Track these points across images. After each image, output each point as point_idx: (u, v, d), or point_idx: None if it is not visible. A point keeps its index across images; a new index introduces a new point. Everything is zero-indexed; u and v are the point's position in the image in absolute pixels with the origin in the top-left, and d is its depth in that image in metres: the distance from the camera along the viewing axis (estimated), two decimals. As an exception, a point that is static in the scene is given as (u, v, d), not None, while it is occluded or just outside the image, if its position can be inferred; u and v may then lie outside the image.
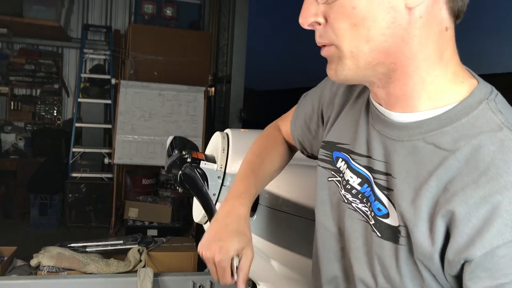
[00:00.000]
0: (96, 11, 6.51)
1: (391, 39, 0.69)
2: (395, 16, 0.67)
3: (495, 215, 0.60)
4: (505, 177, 0.61)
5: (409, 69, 0.71)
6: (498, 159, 0.63)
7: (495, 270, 0.61)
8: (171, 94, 5.38)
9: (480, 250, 0.61)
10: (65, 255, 3.43)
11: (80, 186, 5.64)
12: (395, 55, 0.70)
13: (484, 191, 0.62)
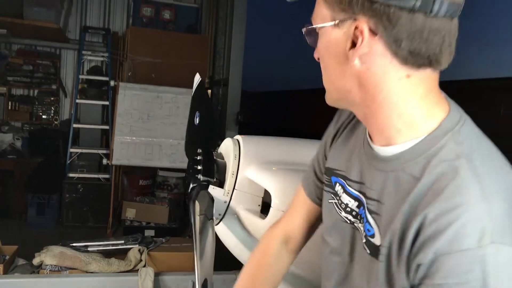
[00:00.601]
0: (94, 13, 6.57)
1: (348, 84, 0.84)
2: (344, 68, 0.83)
3: (445, 229, 0.71)
4: (457, 198, 0.72)
5: (376, 109, 0.83)
6: (452, 184, 0.73)
7: (437, 272, 0.72)
8: (169, 96, 5.46)
9: (429, 255, 0.73)
10: (67, 254, 3.51)
11: (78, 186, 5.71)
12: (359, 96, 0.84)
13: (439, 210, 0.73)
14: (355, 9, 0.78)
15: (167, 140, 5.40)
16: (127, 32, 6.05)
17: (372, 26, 0.77)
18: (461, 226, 0.70)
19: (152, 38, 5.99)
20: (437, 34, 0.77)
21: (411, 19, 0.75)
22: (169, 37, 6.12)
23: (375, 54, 0.79)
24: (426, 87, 0.82)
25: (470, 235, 0.70)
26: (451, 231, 0.71)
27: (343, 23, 0.80)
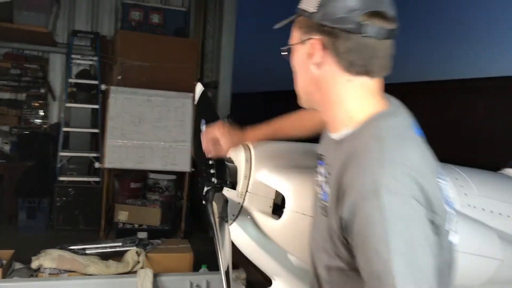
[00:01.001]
0: (82, 17, 6.59)
1: (310, 87, 1.14)
2: (307, 75, 1.13)
3: (353, 187, 0.98)
4: (356, 173, 0.98)
5: (329, 106, 1.13)
6: (362, 156, 1.00)
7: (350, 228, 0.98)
8: (159, 100, 5.52)
9: (345, 210, 0.98)
10: (66, 257, 3.55)
11: (68, 190, 5.72)
12: (317, 98, 1.14)
13: (351, 174, 0.99)
14: (312, 31, 1.08)
15: (159, 143, 5.46)
16: (116, 36, 6.09)
17: (323, 43, 1.07)
18: (363, 184, 0.96)
19: (141, 42, 6.05)
20: (369, 50, 1.04)
21: (349, 38, 1.04)
22: (158, 40, 6.18)
23: (326, 63, 1.08)
24: (364, 90, 1.09)
25: (369, 189, 0.94)
26: (356, 189, 0.96)
27: (305, 42, 1.10)
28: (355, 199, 0.96)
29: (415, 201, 0.94)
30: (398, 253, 0.90)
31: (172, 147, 5.50)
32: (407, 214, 0.94)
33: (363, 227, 0.94)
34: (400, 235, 0.91)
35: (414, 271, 0.91)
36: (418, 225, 0.94)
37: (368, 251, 0.93)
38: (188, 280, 3.60)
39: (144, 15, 6.30)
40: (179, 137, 5.54)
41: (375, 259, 0.91)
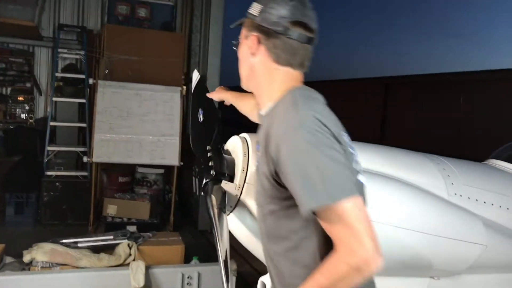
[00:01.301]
0: (68, 11, 6.55)
1: (248, 73, 1.47)
2: (248, 63, 1.45)
3: (275, 140, 1.26)
4: (277, 126, 1.27)
5: (260, 88, 1.45)
6: (280, 115, 1.29)
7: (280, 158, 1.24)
8: (148, 94, 5.54)
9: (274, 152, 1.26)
10: (58, 251, 3.58)
11: (56, 184, 5.71)
12: (253, 81, 1.47)
13: (275, 126, 1.28)
14: (253, 29, 1.41)
15: (147, 137, 5.48)
16: (103, 30, 6.07)
17: (259, 39, 1.40)
18: (282, 127, 1.25)
19: (128, 36, 6.03)
20: (292, 49, 1.37)
21: (278, 37, 1.36)
22: (145, 34, 6.18)
23: (260, 54, 1.41)
24: (287, 77, 1.41)
25: (287, 129, 1.24)
26: (278, 133, 1.26)
27: (247, 37, 1.43)
28: (278, 139, 1.25)
29: (321, 133, 1.21)
30: (318, 167, 1.17)
31: (161, 141, 5.53)
32: (318, 137, 1.20)
33: (287, 155, 1.22)
34: (316, 154, 1.18)
35: (331, 179, 1.17)
36: (328, 146, 1.20)
37: (296, 171, 1.19)
38: (180, 271, 3.65)
39: (131, 9, 6.29)
40: (167, 131, 5.56)
41: (303, 174, 1.18)
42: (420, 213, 1.90)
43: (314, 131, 1.20)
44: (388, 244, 1.86)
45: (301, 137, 1.20)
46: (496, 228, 2.13)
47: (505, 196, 2.25)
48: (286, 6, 1.35)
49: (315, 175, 1.16)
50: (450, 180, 2.12)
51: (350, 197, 1.15)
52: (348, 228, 1.13)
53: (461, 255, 1.98)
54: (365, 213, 1.18)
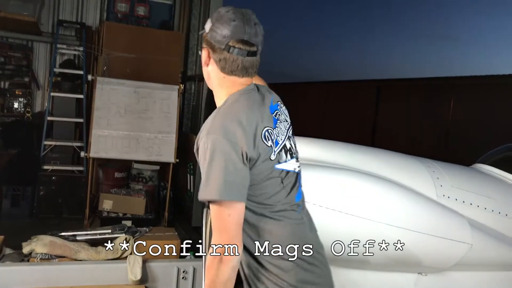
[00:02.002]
0: (67, 7, 6.60)
1: (206, 76, 1.71)
2: (205, 71, 1.69)
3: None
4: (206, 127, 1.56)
5: (214, 91, 1.70)
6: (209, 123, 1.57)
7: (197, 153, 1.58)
8: (146, 91, 5.62)
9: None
10: (57, 243, 3.65)
11: (52, 178, 5.77)
12: (210, 84, 1.72)
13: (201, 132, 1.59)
14: (205, 42, 1.64)
15: (144, 134, 5.56)
16: (102, 27, 6.14)
17: (209, 52, 1.64)
18: (202, 131, 1.55)
19: (126, 34, 6.11)
20: (234, 62, 1.60)
21: (221, 53, 1.59)
22: (144, 33, 6.25)
23: (211, 64, 1.65)
24: (232, 84, 1.64)
25: (203, 133, 1.53)
26: (200, 134, 1.56)
27: (204, 50, 1.66)
28: (199, 139, 1.55)
29: (225, 140, 1.49)
30: (213, 169, 1.48)
31: (158, 138, 5.61)
32: (219, 147, 1.49)
33: (200, 154, 1.54)
34: (214, 159, 1.48)
35: (220, 181, 1.46)
36: (225, 155, 1.48)
37: (201, 167, 1.51)
38: (176, 266, 3.75)
39: (130, 7, 6.36)
40: (164, 129, 5.65)
41: (204, 172, 1.49)
42: (411, 213, 2.02)
43: (220, 138, 1.49)
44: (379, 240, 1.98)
45: (207, 142, 1.50)
46: (482, 228, 2.26)
47: (491, 199, 2.38)
48: (228, 26, 1.57)
49: (207, 175, 1.48)
50: (439, 182, 2.24)
51: (223, 201, 1.48)
52: (214, 225, 1.51)
53: (448, 253, 2.10)
54: (236, 217, 1.51)
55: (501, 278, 2.35)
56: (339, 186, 2.06)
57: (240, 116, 1.54)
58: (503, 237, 2.35)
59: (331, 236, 2.02)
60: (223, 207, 1.47)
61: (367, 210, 1.97)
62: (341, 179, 2.08)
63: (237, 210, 1.49)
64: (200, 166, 1.53)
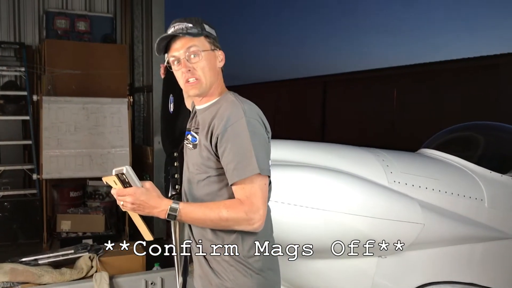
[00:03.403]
0: (3, 27, 6.41)
1: (215, 77, 1.76)
2: (216, 69, 1.77)
3: (220, 123, 1.64)
4: (224, 113, 1.65)
5: (215, 88, 1.76)
6: (226, 107, 1.68)
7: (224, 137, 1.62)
8: (95, 106, 5.55)
9: (219, 132, 1.63)
10: (18, 270, 3.58)
11: (4, 204, 5.58)
12: (215, 80, 1.77)
13: (220, 118, 1.65)
14: (217, 46, 1.77)
15: (97, 150, 5.50)
16: (43, 45, 6.01)
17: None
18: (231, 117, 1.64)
19: (69, 50, 6.02)
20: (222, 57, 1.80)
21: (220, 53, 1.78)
22: (87, 48, 6.18)
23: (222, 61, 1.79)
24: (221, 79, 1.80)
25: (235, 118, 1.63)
26: (225, 120, 1.63)
27: (214, 50, 1.75)
28: (226, 124, 1.62)
29: (259, 123, 1.66)
30: (255, 146, 1.59)
31: (111, 153, 5.56)
32: (258, 129, 1.64)
33: (233, 136, 1.60)
34: (256, 140, 1.61)
35: (261, 158, 1.60)
36: (263, 136, 1.66)
37: (237, 149, 1.60)
38: (143, 279, 3.75)
39: (70, 23, 6.26)
40: (116, 143, 5.61)
41: (243, 152, 1.59)
42: (365, 200, 2.15)
43: (256, 120, 1.65)
44: (338, 229, 2.10)
45: (247, 123, 1.61)
46: (431, 208, 2.42)
47: (437, 180, 2.56)
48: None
49: (250, 155, 1.58)
50: (389, 169, 2.39)
51: (266, 176, 1.63)
52: (256, 195, 1.59)
53: (403, 234, 2.25)
54: (267, 190, 1.64)
55: (453, 252, 2.53)
56: (297, 183, 2.16)
57: (256, 106, 1.72)
58: (452, 214, 2.52)
59: (295, 230, 2.12)
60: (265, 181, 1.61)
61: (325, 202, 2.08)
62: (298, 175, 2.18)
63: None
64: (228, 148, 1.61)
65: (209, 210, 1.62)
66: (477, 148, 3.11)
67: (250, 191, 1.58)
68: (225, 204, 1.62)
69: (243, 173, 1.58)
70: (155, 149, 5.94)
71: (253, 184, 1.58)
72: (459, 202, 2.56)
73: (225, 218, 1.59)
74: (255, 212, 1.57)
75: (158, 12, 5.92)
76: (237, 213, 1.58)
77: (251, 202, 1.58)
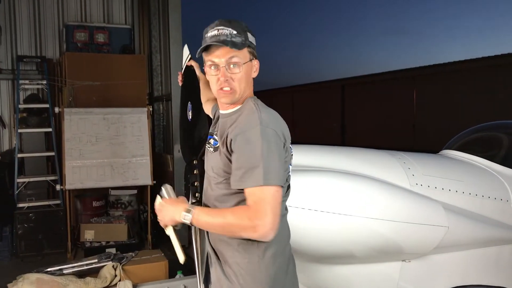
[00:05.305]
0: (25, 42, 6.55)
1: (247, 87, 1.74)
2: (250, 79, 1.75)
3: (237, 127, 1.63)
4: (241, 121, 1.65)
5: (246, 93, 1.74)
6: (246, 115, 1.66)
7: (237, 141, 1.60)
8: (115, 117, 5.63)
9: (233, 135, 1.61)
10: (44, 280, 3.64)
11: (29, 216, 5.69)
12: (248, 90, 1.75)
13: (235, 128, 1.63)
14: (253, 54, 1.74)
15: (118, 160, 5.56)
16: (64, 58, 6.12)
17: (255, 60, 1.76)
18: (246, 123, 1.62)
19: (89, 62, 6.12)
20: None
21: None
22: (106, 59, 6.27)
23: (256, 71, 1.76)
24: None
25: (251, 124, 1.60)
26: (242, 125, 1.62)
27: (252, 60, 1.73)
28: (241, 129, 1.60)
29: (276, 132, 1.60)
30: (265, 156, 1.54)
31: (132, 162, 5.62)
32: (272, 138, 1.59)
33: (246, 142, 1.57)
34: (268, 149, 1.56)
35: (272, 168, 1.55)
36: (277, 146, 1.60)
37: (248, 156, 1.56)
38: (166, 286, 3.77)
39: (89, 35, 6.36)
40: (137, 152, 5.66)
41: (253, 160, 1.55)
42: (388, 204, 2.12)
43: (272, 130, 1.60)
44: (362, 234, 2.07)
45: (262, 131, 1.57)
46: (455, 210, 2.38)
47: (460, 181, 2.51)
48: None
49: (259, 163, 1.54)
50: (411, 172, 2.36)
51: (277, 186, 1.56)
52: (264, 202, 1.53)
53: (428, 237, 2.21)
54: (279, 199, 1.58)
55: (480, 255, 2.48)
56: (318, 188, 2.14)
57: (277, 115, 1.70)
58: (477, 216, 2.48)
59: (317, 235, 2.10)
60: (274, 190, 1.56)
61: (348, 207, 2.06)
62: (319, 180, 2.17)
63: (281, 192, 1.60)
64: (238, 154, 1.59)
65: (216, 215, 1.63)
66: (501, 148, 3.05)
67: (258, 197, 1.55)
68: (232, 209, 1.62)
69: (247, 182, 1.55)
70: (175, 158, 5.98)
71: (262, 191, 1.55)
72: (484, 204, 2.51)
73: (230, 223, 1.56)
74: (260, 219, 1.52)
75: (175, 21, 5.98)
76: (241, 219, 1.54)
77: (256, 208, 1.53)
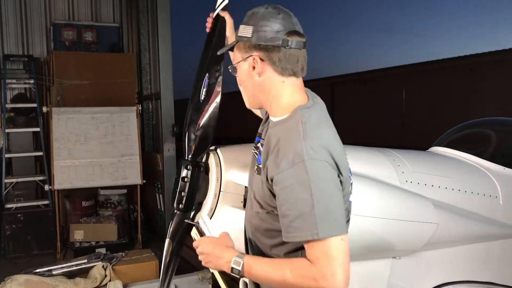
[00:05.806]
0: (12, 41, 6.47)
1: (256, 91, 1.52)
2: (254, 83, 1.50)
3: (278, 160, 1.35)
4: (281, 149, 1.37)
5: (270, 102, 1.51)
6: (289, 136, 1.38)
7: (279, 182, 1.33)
8: (104, 116, 5.58)
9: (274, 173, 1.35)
10: (33, 281, 3.59)
11: (17, 216, 5.64)
12: (260, 98, 1.52)
13: (276, 158, 1.37)
14: (249, 50, 1.47)
15: (107, 159, 5.52)
16: (51, 57, 6.07)
17: (260, 57, 1.45)
18: (291, 154, 1.33)
19: (77, 61, 6.07)
20: (294, 57, 1.45)
21: (279, 50, 1.43)
22: (94, 58, 6.23)
23: (265, 71, 1.47)
24: (293, 87, 1.49)
25: (296, 157, 1.32)
26: (286, 158, 1.34)
27: (246, 59, 1.49)
28: (282, 167, 1.34)
29: (328, 164, 1.34)
30: (319, 200, 1.28)
31: (121, 161, 5.58)
32: (324, 173, 1.32)
33: (290, 183, 1.31)
34: (319, 188, 1.29)
35: (328, 213, 1.29)
36: (331, 182, 1.34)
37: (294, 200, 1.30)
38: (157, 286, 3.74)
39: (77, 34, 6.31)
40: (127, 151, 5.63)
41: (300, 205, 1.29)
42: (378, 201, 2.12)
43: (323, 163, 1.32)
44: (352, 231, 2.07)
45: (310, 168, 1.29)
46: (445, 207, 2.38)
47: (449, 178, 2.52)
48: (277, 20, 1.43)
49: (309, 209, 1.27)
50: (400, 169, 2.36)
51: (340, 235, 1.28)
52: (329, 259, 1.26)
53: (418, 234, 2.21)
54: (347, 248, 1.30)
55: (469, 251, 2.49)
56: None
57: (331, 138, 1.42)
58: (466, 213, 2.49)
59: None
60: (338, 240, 1.28)
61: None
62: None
63: (347, 240, 1.32)
64: (281, 201, 1.34)
65: (272, 269, 1.34)
66: (490, 145, 3.06)
67: (321, 251, 1.26)
68: (292, 263, 1.32)
69: (300, 234, 1.29)
70: (165, 156, 5.95)
71: (324, 244, 1.26)
72: (473, 200, 2.52)
73: (290, 282, 1.29)
74: (328, 279, 1.24)
75: (163, 19, 5.95)
76: (305, 278, 1.27)
77: (322, 266, 1.25)
